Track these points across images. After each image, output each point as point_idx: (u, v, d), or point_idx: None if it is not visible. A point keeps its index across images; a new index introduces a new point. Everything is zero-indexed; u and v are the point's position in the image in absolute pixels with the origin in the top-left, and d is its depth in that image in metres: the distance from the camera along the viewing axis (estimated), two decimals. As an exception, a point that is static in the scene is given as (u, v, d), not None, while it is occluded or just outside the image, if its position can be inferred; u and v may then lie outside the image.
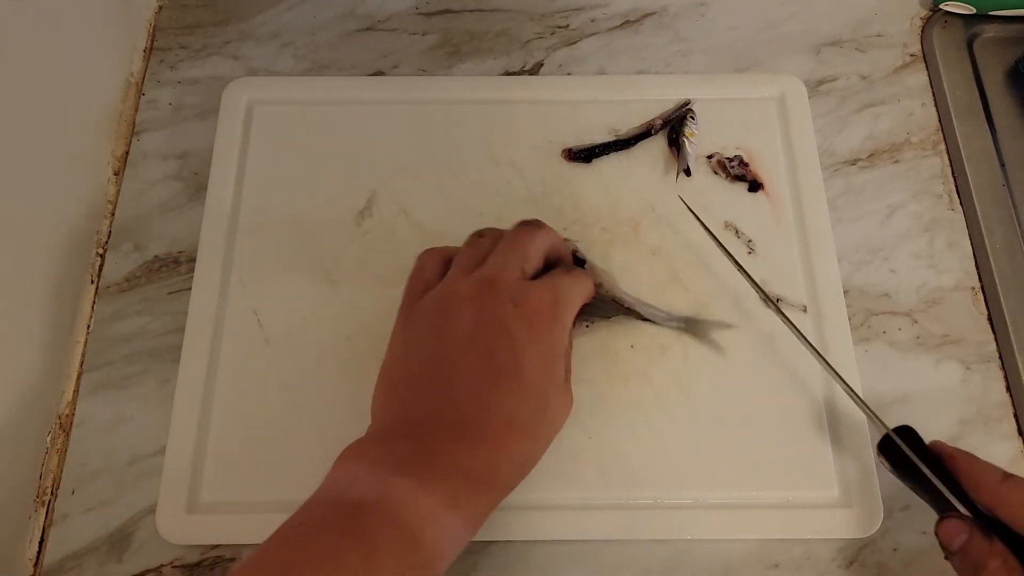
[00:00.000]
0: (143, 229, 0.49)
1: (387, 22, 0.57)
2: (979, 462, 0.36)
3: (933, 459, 0.37)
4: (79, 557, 0.42)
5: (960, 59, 0.54)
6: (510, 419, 0.35)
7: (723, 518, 0.42)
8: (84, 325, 0.47)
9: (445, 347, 0.36)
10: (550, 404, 0.36)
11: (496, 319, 0.36)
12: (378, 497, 0.31)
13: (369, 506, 0.31)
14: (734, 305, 0.46)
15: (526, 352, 0.35)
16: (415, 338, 0.38)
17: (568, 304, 0.38)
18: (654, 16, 0.57)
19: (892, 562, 0.41)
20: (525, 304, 0.36)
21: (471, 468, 0.33)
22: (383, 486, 0.32)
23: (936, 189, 0.51)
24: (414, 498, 0.32)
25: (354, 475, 0.33)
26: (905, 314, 0.47)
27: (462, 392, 0.35)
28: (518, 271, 0.38)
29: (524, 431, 0.35)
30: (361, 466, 0.33)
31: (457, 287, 0.38)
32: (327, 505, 0.33)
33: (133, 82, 0.54)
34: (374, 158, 0.51)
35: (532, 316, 0.36)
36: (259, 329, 0.46)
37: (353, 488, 0.32)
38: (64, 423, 0.45)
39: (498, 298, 0.36)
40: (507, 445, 0.34)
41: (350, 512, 0.31)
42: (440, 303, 0.38)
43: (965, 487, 0.36)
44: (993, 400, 0.45)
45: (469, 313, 0.36)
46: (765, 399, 0.44)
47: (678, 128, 0.50)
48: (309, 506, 0.33)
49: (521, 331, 0.36)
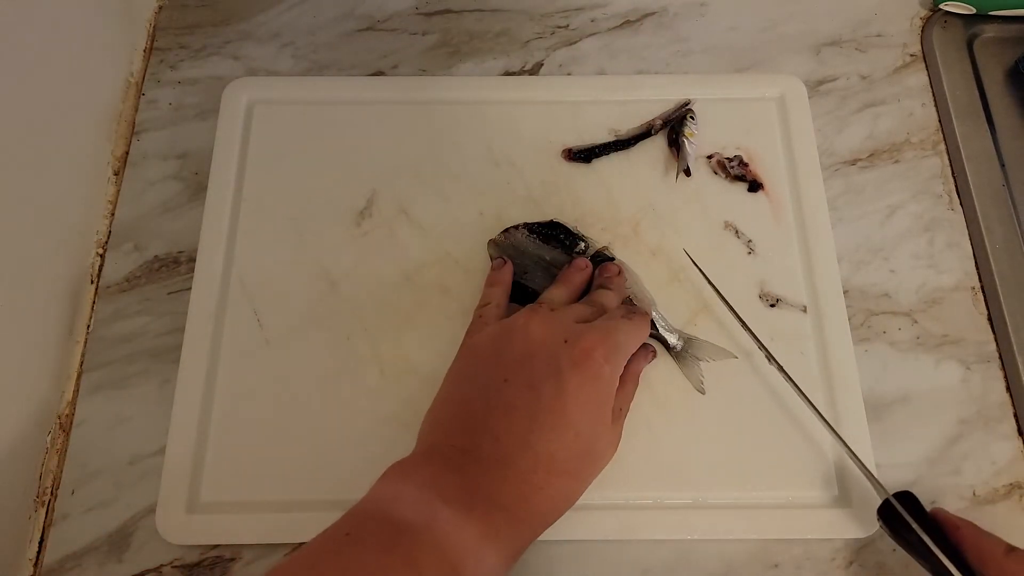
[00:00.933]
0: (143, 229, 0.49)
1: (387, 22, 0.57)
2: (984, 534, 0.36)
3: (934, 527, 0.36)
4: (79, 557, 0.42)
5: (960, 59, 0.54)
6: (551, 458, 0.35)
7: (723, 518, 0.42)
8: (84, 325, 0.47)
9: (493, 377, 0.37)
10: (594, 445, 0.36)
11: (547, 354, 0.36)
12: (424, 521, 0.32)
13: (416, 530, 0.32)
14: (734, 305, 0.46)
15: (572, 391, 0.36)
16: (469, 366, 0.39)
17: (621, 350, 0.38)
18: (654, 16, 0.57)
19: (892, 562, 0.41)
20: (577, 344, 0.37)
21: (510, 504, 0.34)
22: (428, 511, 0.32)
23: (936, 189, 0.51)
24: (457, 528, 0.32)
25: (399, 493, 0.34)
26: (905, 314, 0.47)
27: (503, 427, 0.35)
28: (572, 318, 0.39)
29: (565, 470, 0.35)
30: (407, 486, 0.34)
31: (517, 321, 0.39)
32: (373, 519, 0.33)
33: (133, 82, 0.54)
34: (374, 158, 0.51)
35: (583, 357, 0.36)
36: (259, 329, 0.46)
37: (398, 506, 0.33)
38: (64, 423, 0.45)
39: (552, 334, 0.37)
40: (547, 483, 0.35)
41: (397, 532, 0.32)
42: (498, 333, 0.39)
43: (969, 560, 0.35)
44: (993, 400, 0.45)
45: (521, 345, 0.37)
46: (765, 399, 0.44)
47: (678, 128, 0.50)
48: (354, 516, 0.33)
49: (570, 371, 0.36)
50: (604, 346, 0.37)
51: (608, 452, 0.39)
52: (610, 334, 0.38)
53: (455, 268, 0.48)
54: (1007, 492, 0.43)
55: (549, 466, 0.35)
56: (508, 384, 0.36)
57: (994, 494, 0.43)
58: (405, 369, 0.44)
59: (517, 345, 0.37)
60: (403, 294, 0.47)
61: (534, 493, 0.34)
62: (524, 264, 0.46)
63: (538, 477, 0.34)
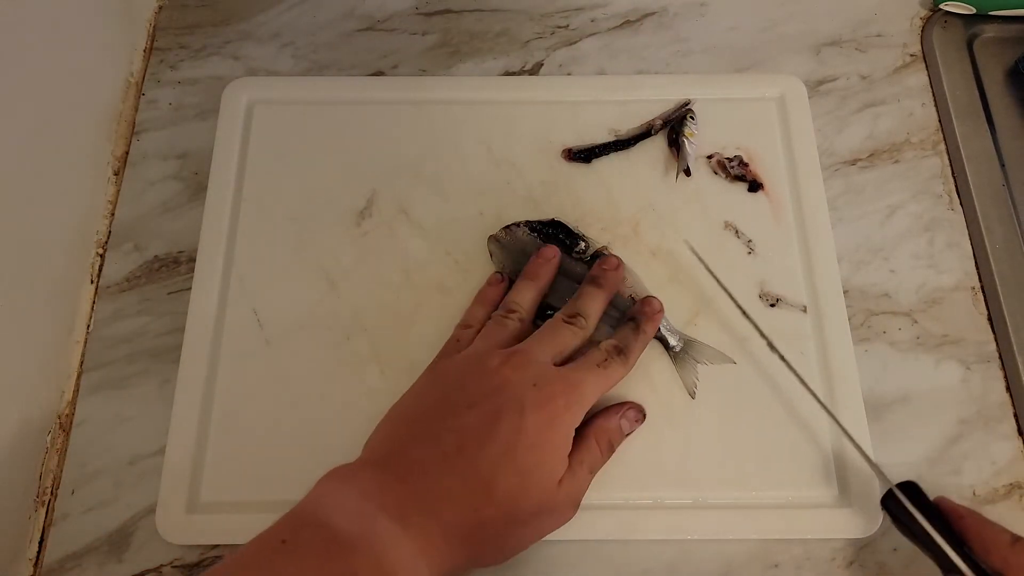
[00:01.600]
0: (143, 229, 0.49)
1: (387, 22, 0.57)
2: (988, 524, 0.36)
3: (938, 516, 0.36)
4: (79, 557, 0.42)
5: (960, 59, 0.54)
6: (490, 486, 0.35)
7: (723, 518, 0.42)
8: (84, 325, 0.47)
9: (459, 402, 0.37)
10: (538, 491, 0.36)
11: (514, 394, 0.37)
12: (361, 532, 0.32)
13: (355, 540, 0.32)
14: (734, 305, 0.46)
15: (528, 430, 0.36)
16: (432, 386, 0.40)
17: (584, 401, 0.39)
18: (654, 16, 0.57)
19: (892, 562, 0.41)
20: (543, 389, 0.38)
21: (449, 521, 0.34)
22: (369, 522, 0.32)
23: (936, 189, 0.51)
24: (396, 542, 0.32)
25: (341, 500, 0.34)
26: (905, 314, 0.47)
27: (455, 446, 0.36)
28: (549, 358, 0.40)
29: (500, 502, 0.35)
30: (350, 493, 0.34)
31: (488, 353, 0.40)
32: (309, 526, 0.33)
33: (133, 82, 0.54)
34: (374, 158, 0.51)
35: (546, 401, 0.37)
36: (259, 329, 0.46)
37: (338, 514, 0.33)
38: (64, 423, 0.45)
39: (522, 375, 0.38)
40: (484, 507, 0.35)
41: (334, 541, 0.32)
42: (468, 363, 0.40)
43: (974, 550, 0.35)
44: (993, 400, 0.45)
45: (492, 379, 0.38)
46: (765, 399, 0.44)
47: (678, 128, 0.50)
48: (291, 522, 0.33)
49: (532, 411, 0.37)
50: (567, 396, 0.38)
51: (559, 504, 0.38)
52: (576, 387, 0.39)
53: (455, 268, 0.48)
54: (1007, 492, 0.43)
55: (488, 494, 0.35)
56: (472, 410, 0.37)
57: (994, 494, 0.43)
58: (405, 369, 0.44)
59: (488, 379, 0.38)
60: (403, 294, 0.47)
61: (469, 516, 0.35)
62: (524, 262, 0.46)
63: (477, 500, 0.35)
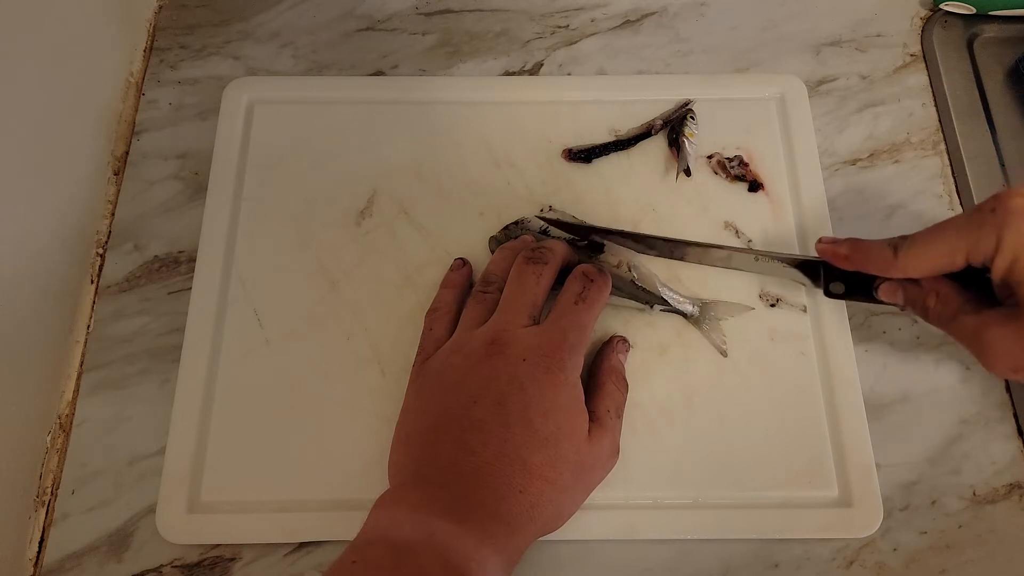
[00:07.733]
0: (143, 229, 0.49)
1: (387, 22, 0.57)
2: (868, 250, 0.41)
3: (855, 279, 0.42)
4: (79, 557, 0.42)
5: (960, 59, 0.54)
6: (525, 464, 0.36)
7: (723, 518, 0.42)
8: (84, 325, 0.47)
9: (461, 400, 0.38)
10: (568, 450, 0.37)
11: (508, 374, 0.38)
12: (423, 538, 0.33)
13: (418, 545, 0.32)
14: (736, 306, 0.46)
15: (535, 402, 0.37)
16: (429, 394, 0.40)
17: (576, 348, 0.39)
18: (654, 16, 0.57)
19: (892, 562, 0.41)
20: (531, 359, 0.38)
21: (499, 510, 0.35)
22: (426, 527, 0.33)
23: (936, 189, 0.51)
24: (455, 538, 0.33)
25: (394, 519, 0.34)
26: (905, 314, 0.47)
27: (479, 441, 0.36)
28: (526, 319, 0.40)
29: (540, 475, 0.36)
30: (400, 510, 0.35)
31: (469, 342, 0.40)
32: (375, 545, 0.34)
33: (133, 82, 0.54)
34: (374, 158, 0.51)
35: (541, 370, 0.38)
36: (259, 329, 0.46)
37: (397, 529, 0.34)
38: (64, 423, 0.45)
39: (509, 355, 0.38)
40: (526, 488, 0.36)
41: (401, 552, 0.32)
42: (452, 358, 0.40)
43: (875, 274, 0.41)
44: (993, 400, 0.45)
45: (483, 369, 0.38)
46: (765, 399, 0.44)
47: (678, 128, 0.50)
48: (356, 546, 0.34)
49: (531, 384, 0.37)
50: (557, 353, 0.38)
51: (597, 456, 0.39)
52: (563, 339, 0.39)
53: (455, 268, 0.47)
54: (1007, 492, 0.43)
55: (526, 472, 0.36)
56: (477, 404, 0.37)
57: (994, 494, 0.43)
58: (405, 369, 0.44)
59: (479, 370, 0.38)
60: (403, 294, 0.47)
61: (517, 497, 0.35)
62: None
63: (518, 481, 0.36)
